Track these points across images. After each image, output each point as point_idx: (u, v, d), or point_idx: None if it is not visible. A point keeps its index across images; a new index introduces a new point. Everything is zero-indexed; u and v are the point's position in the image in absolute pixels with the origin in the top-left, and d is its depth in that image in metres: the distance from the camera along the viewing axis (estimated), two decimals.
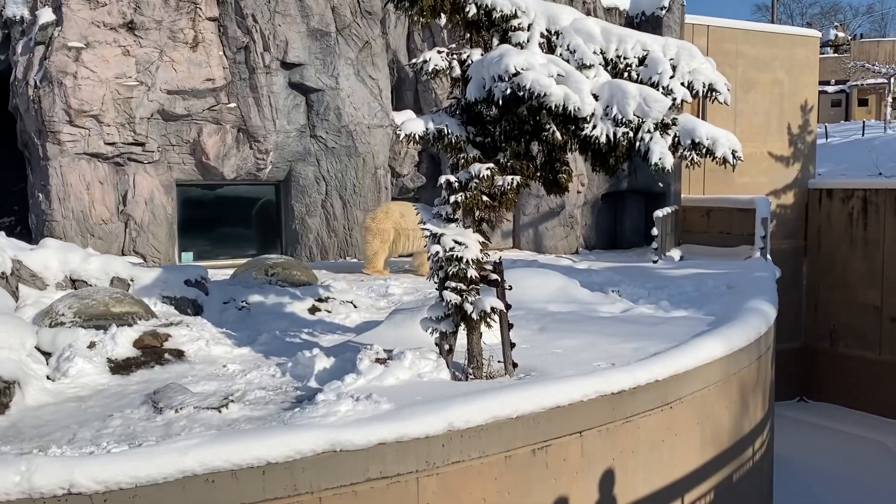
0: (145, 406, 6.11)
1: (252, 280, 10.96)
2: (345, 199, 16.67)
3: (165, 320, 8.38)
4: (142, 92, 14.72)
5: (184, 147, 15.48)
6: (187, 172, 15.70)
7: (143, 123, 14.83)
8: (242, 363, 7.44)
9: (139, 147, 14.94)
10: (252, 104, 15.79)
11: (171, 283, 9.56)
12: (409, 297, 11.55)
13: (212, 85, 15.37)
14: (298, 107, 16.32)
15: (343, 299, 10.56)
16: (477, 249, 6.39)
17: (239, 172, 16.00)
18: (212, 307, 9.80)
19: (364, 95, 16.74)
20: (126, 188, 14.94)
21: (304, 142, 16.43)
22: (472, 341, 6.64)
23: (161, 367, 7.28)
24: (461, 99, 6.61)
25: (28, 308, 8.21)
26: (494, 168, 6.33)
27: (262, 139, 15.91)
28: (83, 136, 14.38)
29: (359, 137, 16.64)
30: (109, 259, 9.68)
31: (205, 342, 7.84)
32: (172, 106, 15.12)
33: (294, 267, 11.52)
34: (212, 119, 15.54)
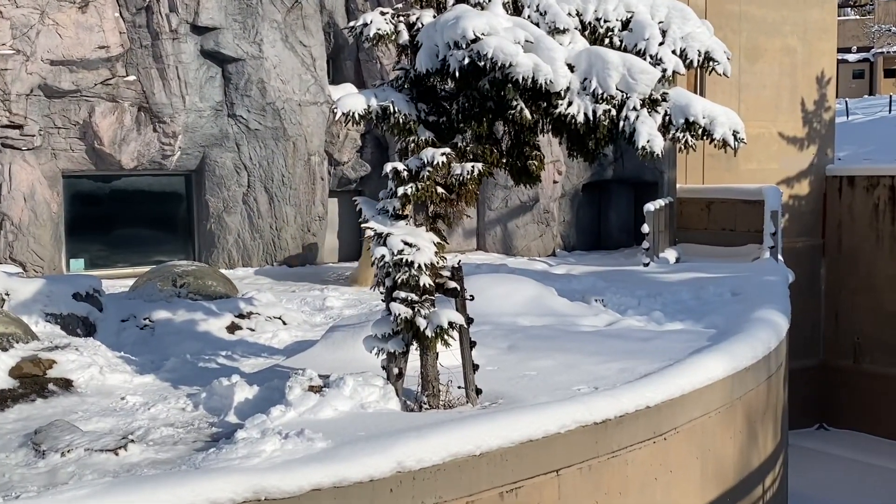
0: (24, 449, 6.00)
1: (157, 292, 10.84)
2: (271, 193, 16.59)
3: (49, 343, 8.25)
4: (19, 63, 14.47)
5: (72, 130, 15.25)
6: (76, 161, 15.46)
7: (21, 101, 14.57)
8: (145, 394, 7.36)
9: (16, 130, 14.66)
10: (156, 77, 15.62)
11: (57, 298, 9.42)
12: (350, 311, 11.53)
13: (106, 53, 15.17)
14: (213, 80, 16.20)
15: (269, 314, 10.51)
16: (431, 252, 6.41)
17: (140, 161, 15.81)
18: (107, 326, 9.67)
19: (294, 66, 16.68)
20: (1, 181, 14.66)
21: (221, 123, 16.31)
22: (427, 363, 6.66)
23: (44, 401, 7.16)
24: (410, 70, 6.63)
25: None
26: (451, 153, 6.36)
27: (169, 120, 15.75)
28: None
29: (288, 117, 16.58)
30: None
31: (98, 369, 7.74)
32: (57, 80, 14.88)
33: (208, 276, 11.43)
34: (106, 96, 15.33)
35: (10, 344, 7.84)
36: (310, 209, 17.03)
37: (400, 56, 6.85)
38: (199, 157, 16.33)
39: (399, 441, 5.58)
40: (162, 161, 16.03)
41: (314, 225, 17.16)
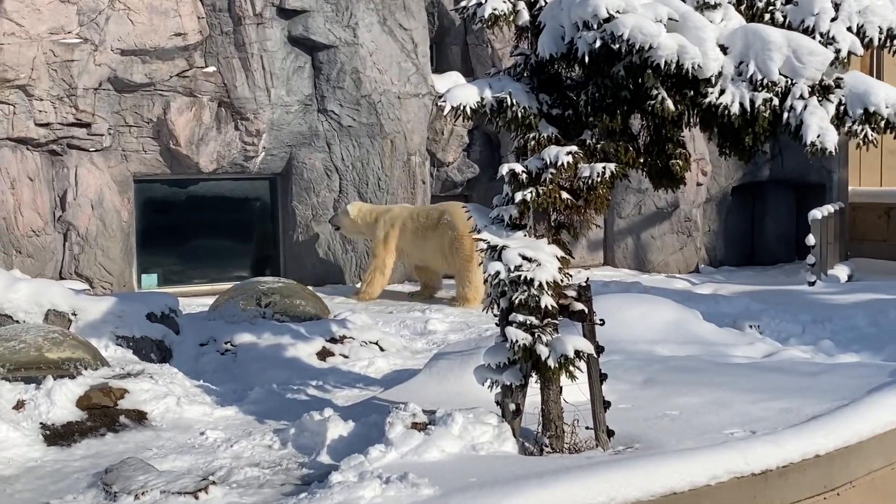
0: (93, 490, 6.19)
1: (239, 313, 11.11)
2: (366, 198, 16.83)
3: (121, 370, 8.54)
4: (86, 53, 15.12)
5: (144, 128, 15.84)
6: (149, 164, 16.05)
7: (89, 96, 15.22)
8: (227, 429, 7.53)
9: (83, 129, 15.32)
10: (238, 68, 16.09)
11: (129, 318, 9.75)
12: (456, 336, 11.58)
13: (182, 41, 15.70)
14: (302, 70, 16.58)
15: (365, 339, 10.64)
16: (554, 268, 6.37)
17: (220, 163, 16.29)
18: (184, 351, 9.96)
19: (392, 53, 16.91)
20: (65, 186, 15.33)
21: (310, 119, 16.66)
22: (549, 399, 6.61)
23: (115, 436, 7.41)
24: (530, 56, 6.62)
25: None
26: (578, 152, 6.32)
27: (252, 116, 16.19)
28: (6, 114, 14.83)
29: (385, 111, 16.81)
30: (43, 285, 9.93)
31: (175, 400, 7.97)
32: (128, 72, 15.49)
33: (297, 294, 11.66)
34: (182, 89, 15.88)
35: (78, 370, 8.15)
36: None
37: (518, 39, 6.85)
38: (285, 158, 16.72)
39: (518, 490, 5.55)
40: (244, 163, 16.48)
41: None
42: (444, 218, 14.85)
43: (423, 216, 15.19)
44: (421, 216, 15.21)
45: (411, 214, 15.36)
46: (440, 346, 10.81)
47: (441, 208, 15.26)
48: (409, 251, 15.25)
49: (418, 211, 15.50)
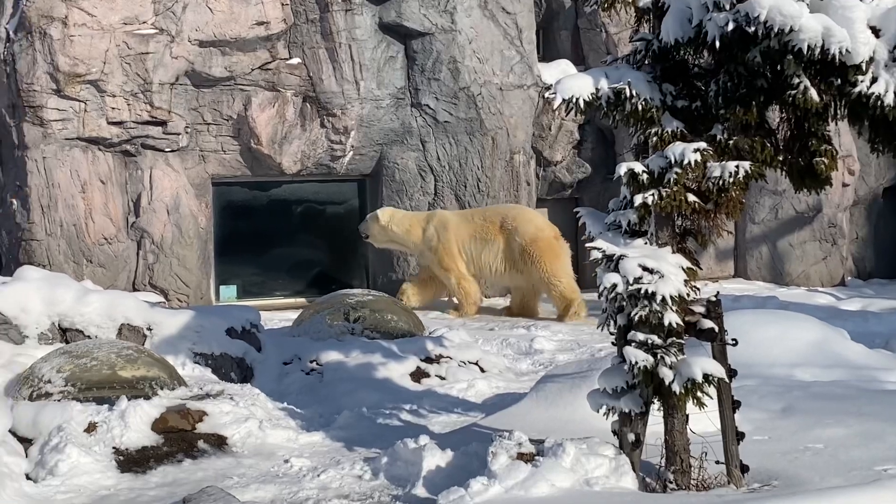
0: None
1: (326, 328, 11.22)
2: (464, 201, 16.88)
3: (199, 390, 8.70)
4: (162, 44, 15.50)
5: (223, 126, 16.15)
6: (228, 165, 16.36)
7: (165, 92, 15.59)
8: (313, 457, 7.62)
9: (158, 127, 15.71)
10: (324, 59, 16.29)
11: (207, 334, 9.91)
12: (565, 356, 11.51)
13: (265, 31, 15.98)
14: (394, 61, 16.71)
15: (463, 359, 10.65)
16: (679, 280, 6.30)
17: (304, 164, 16.52)
18: (266, 370, 10.09)
19: (494, 39, 16.94)
20: (139, 189, 15.74)
21: (403, 114, 16.78)
22: (673, 429, 6.53)
23: (193, 462, 7.54)
24: (652, 41, 6.57)
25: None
26: (707, 149, 6.24)
27: (340, 112, 16.37)
28: (77, 112, 15.29)
29: (486, 105, 16.83)
30: (116, 297, 10.16)
31: (257, 424, 8.09)
32: (207, 64, 15.83)
33: (388, 308, 11.73)
34: (265, 83, 16.15)
35: (154, 390, 8.31)
36: None
37: (638, 23, 6.80)
38: (375, 157, 16.86)
39: None
40: (330, 164, 16.67)
41: None
42: (507, 223, 14.81)
43: (479, 220, 15.13)
44: (476, 220, 15.15)
45: (464, 218, 15.31)
46: (548, 367, 10.75)
47: (501, 211, 15.20)
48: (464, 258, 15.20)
49: (472, 214, 15.46)
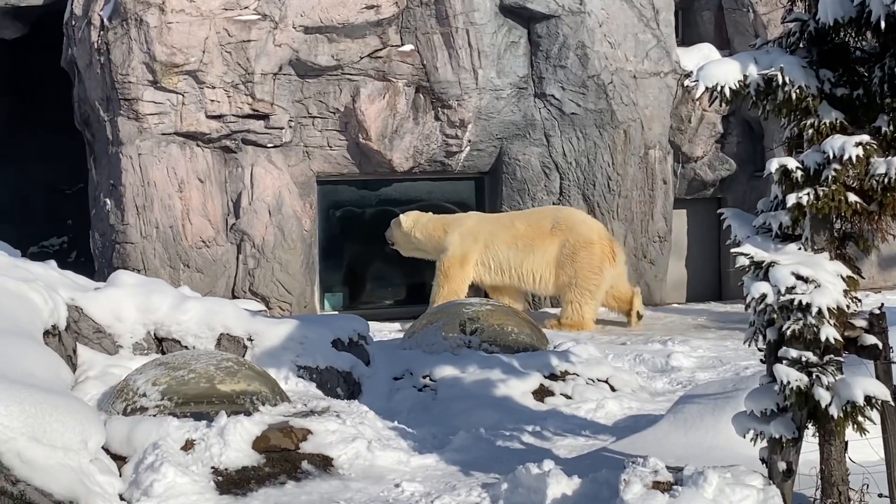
0: None
1: (440, 341, 11.23)
2: (592, 202, 16.79)
3: (303, 406, 8.76)
4: (265, 32, 15.73)
5: (329, 120, 16.32)
6: (334, 162, 16.52)
7: (267, 83, 15.82)
8: (426, 481, 7.62)
9: (260, 121, 15.94)
10: (439, 45, 16.34)
11: (312, 346, 10.00)
12: (706, 375, 11.34)
13: (375, 15, 16.09)
14: (515, 47, 16.69)
15: (592, 376, 10.55)
16: (838, 290, 6.16)
17: (417, 160, 16.59)
18: (375, 385, 10.14)
19: (628, 22, 16.81)
20: (239, 188, 15.99)
21: (525, 105, 16.75)
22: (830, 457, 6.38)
23: (296, 485, 7.60)
24: (808, 22, 6.44)
25: (90, 383, 8.89)
26: (871, 143, 6.09)
27: (456, 103, 16.41)
28: (174, 105, 15.61)
29: (617, 94, 16.72)
30: (215, 305, 10.32)
31: (365, 444, 8.12)
32: (312, 53, 16.01)
33: (508, 319, 11.69)
34: (374, 73, 16.27)
35: (255, 406, 8.40)
36: (646, 225, 17.04)
37: (792, 2, 6.67)
38: (494, 153, 16.86)
39: None
40: (445, 160, 16.72)
41: (652, 248, 17.12)
42: (557, 225, 14.67)
43: (521, 226, 15.00)
44: (519, 225, 15.03)
45: (501, 224, 15.25)
46: (686, 386, 10.60)
47: (549, 214, 15.07)
48: (496, 268, 15.07)
49: (511, 219, 15.39)
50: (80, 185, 20.52)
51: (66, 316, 9.26)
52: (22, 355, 7.42)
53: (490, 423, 9.12)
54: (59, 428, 6.66)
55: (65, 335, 9.10)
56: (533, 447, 8.59)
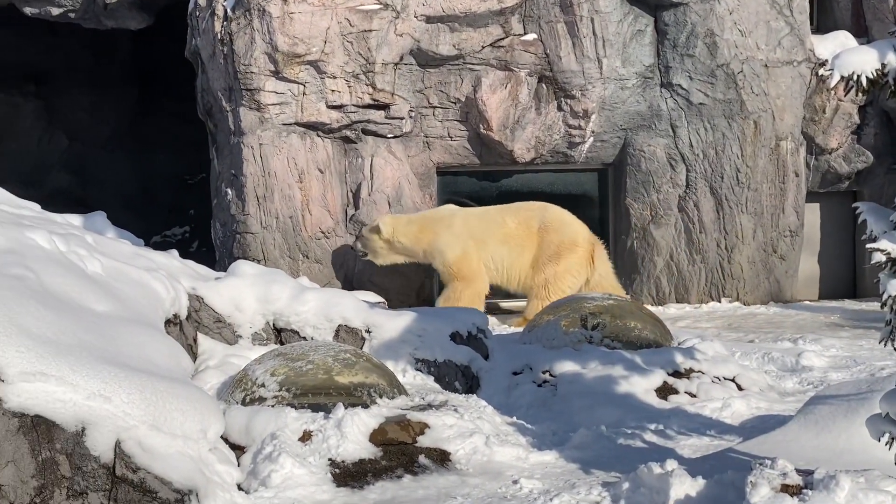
0: None
1: (560, 336, 11.18)
2: (720, 195, 16.59)
3: (420, 399, 8.79)
4: (386, 21, 15.82)
5: (450, 110, 16.36)
6: (455, 152, 16.56)
7: (388, 72, 15.92)
8: (545, 478, 7.58)
9: (380, 112, 16.05)
10: (563, 34, 16.27)
11: (430, 339, 10.03)
12: (839, 375, 11.11)
13: (498, 4, 16.07)
14: (641, 35, 16.54)
15: (717, 374, 10.40)
16: None
17: (539, 151, 16.55)
18: (494, 380, 10.13)
19: (759, 9, 16.54)
20: (359, 179, 16.12)
21: (651, 95, 16.59)
22: None
23: (413, 479, 7.62)
24: None
25: (210, 373, 9.05)
26: None
27: (579, 93, 16.33)
28: (295, 95, 15.79)
29: (747, 84, 16.46)
30: (334, 297, 10.41)
31: (483, 439, 8.11)
32: (434, 42, 16.05)
33: (630, 314, 11.59)
34: (496, 62, 16.26)
35: (372, 398, 8.44)
36: (776, 220, 16.75)
37: None
38: (617, 144, 16.74)
39: None
40: (567, 151, 16.65)
41: (783, 243, 16.83)
42: (544, 225, 14.31)
43: (511, 222, 14.64)
44: (509, 222, 14.69)
45: (491, 220, 14.85)
46: (817, 386, 10.37)
47: (535, 213, 14.69)
48: (492, 267, 14.73)
49: (501, 214, 14.99)
50: (201, 175, 20.96)
51: (188, 305, 9.45)
52: (144, 344, 7.57)
53: (611, 421, 9.05)
54: (180, 417, 6.78)
55: (186, 324, 9.27)
56: (655, 446, 8.50)
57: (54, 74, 22.66)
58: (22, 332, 6.33)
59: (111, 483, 6.17)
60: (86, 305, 7.55)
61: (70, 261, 8.12)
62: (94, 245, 8.97)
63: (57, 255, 8.04)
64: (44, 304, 6.86)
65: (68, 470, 6.06)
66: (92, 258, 8.45)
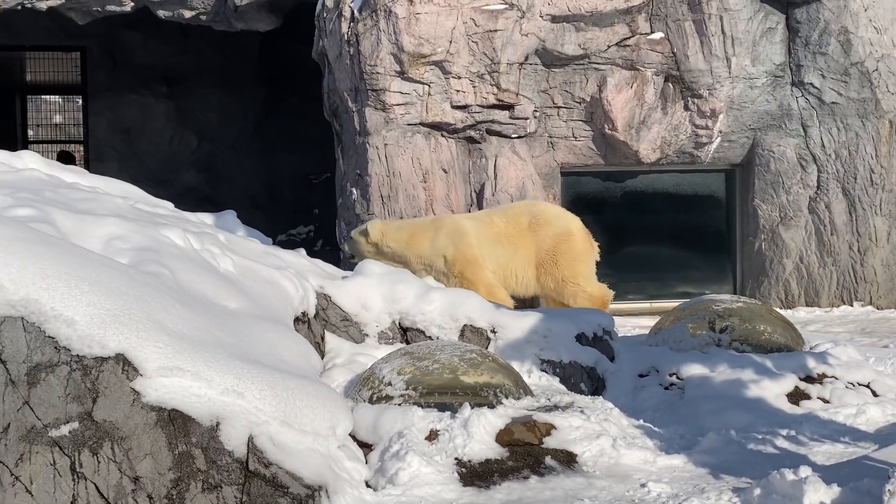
0: None
1: (687, 338, 11.08)
2: (852, 197, 16.32)
3: (546, 400, 8.78)
4: (511, 21, 15.87)
5: (575, 110, 16.35)
6: (579, 153, 16.54)
7: (513, 73, 15.97)
8: (673, 482, 7.53)
9: (504, 112, 16.11)
10: (690, 33, 16.15)
11: (556, 339, 10.01)
12: None
13: (625, 3, 16.02)
14: (772, 33, 16.33)
15: (852, 380, 10.21)
16: None
17: (664, 151, 16.45)
18: (620, 382, 10.09)
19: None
20: (483, 179, 16.21)
21: (781, 95, 16.38)
22: None
23: (539, 480, 7.62)
24: None
25: (337, 370, 9.15)
26: None
27: (707, 93, 16.19)
28: (420, 95, 15.93)
29: (882, 83, 16.18)
30: (459, 296, 10.44)
31: (610, 442, 8.08)
32: (559, 42, 16.06)
33: (760, 318, 11.44)
34: (622, 62, 16.21)
35: (498, 399, 8.46)
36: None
37: None
38: (746, 144, 16.56)
39: None
40: (694, 151, 16.52)
41: None
42: (534, 220, 13.77)
43: (500, 223, 14.10)
44: (498, 222, 14.14)
45: (481, 221, 14.27)
46: None
47: (524, 209, 14.19)
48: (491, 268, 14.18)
49: (489, 216, 14.42)
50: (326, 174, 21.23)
51: (316, 304, 9.57)
52: (275, 341, 7.71)
53: (741, 425, 8.94)
54: (310, 413, 6.87)
55: (314, 322, 9.41)
56: (787, 452, 8.39)
57: (185, 76, 23.19)
58: (159, 327, 6.48)
59: (244, 477, 6.30)
60: (219, 303, 7.72)
61: (203, 259, 8.30)
62: (226, 243, 9.17)
63: (191, 253, 8.22)
64: (179, 301, 7.02)
65: (203, 463, 6.19)
66: (224, 256, 8.63)
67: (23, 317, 6.07)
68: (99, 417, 6.01)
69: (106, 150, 23.22)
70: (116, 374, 6.12)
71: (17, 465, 5.83)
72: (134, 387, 6.13)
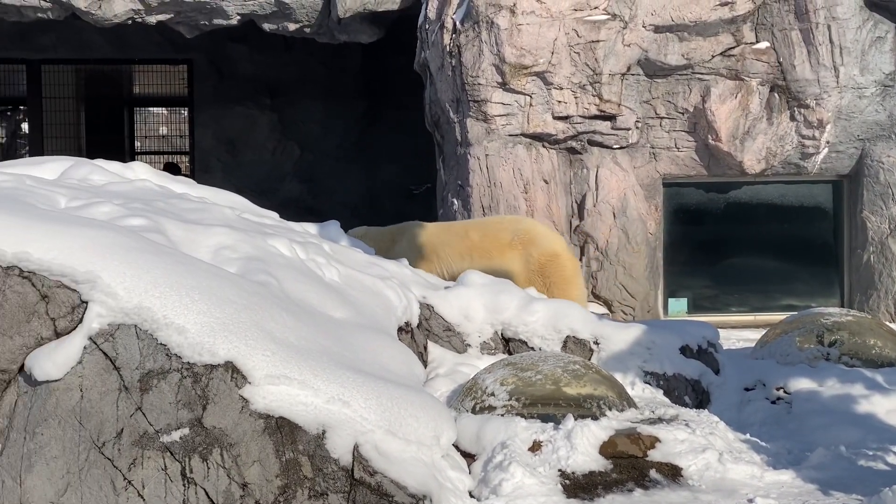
0: None
1: (795, 351, 10.95)
2: None
3: (650, 413, 8.73)
4: (614, 31, 15.79)
5: (677, 121, 16.21)
6: (681, 164, 16.39)
7: (615, 83, 15.89)
8: (781, 497, 7.43)
9: (607, 122, 16.04)
10: (797, 42, 15.94)
11: (659, 352, 9.94)
12: None
13: (729, 12, 15.85)
14: (881, 42, 16.06)
15: None
16: None
17: (769, 162, 16.24)
18: (725, 395, 9.97)
19: None
20: (584, 190, 16.15)
21: (891, 104, 16.10)
22: None
23: (644, 493, 7.57)
24: None
25: (440, 380, 9.18)
26: None
27: (814, 103, 15.95)
28: (521, 106, 15.92)
29: None
30: (562, 307, 10.42)
31: (716, 456, 7.99)
32: (662, 52, 15.94)
33: (870, 332, 11.25)
34: (726, 72, 16.04)
35: (601, 410, 8.42)
36: None
37: None
38: (854, 155, 16.31)
39: None
40: (800, 162, 16.29)
41: None
42: (516, 235, 13.14)
43: (475, 236, 13.29)
44: (473, 235, 13.37)
45: (452, 232, 13.64)
46: None
47: (507, 225, 13.34)
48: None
49: (465, 228, 13.75)
50: (427, 185, 21.32)
51: (419, 313, 9.63)
52: (379, 350, 7.77)
53: (851, 441, 8.79)
54: (413, 423, 6.90)
55: (417, 332, 9.46)
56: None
57: (288, 88, 23.48)
58: (267, 336, 6.57)
59: (350, 485, 6.34)
60: (324, 312, 7.80)
61: (309, 268, 8.40)
62: (330, 253, 9.26)
63: (297, 263, 8.32)
64: (286, 310, 7.11)
65: (310, 471, 6.26)
66: (329, 266, 8.73)
67: (136, 324, 6.21)
68: (209, 424, 6.11)
69: (211, 161, 23.62)
70: (226, 381, 6.21)
71: (130, 470, 5.95)
72: (243, 394, 6.22)
